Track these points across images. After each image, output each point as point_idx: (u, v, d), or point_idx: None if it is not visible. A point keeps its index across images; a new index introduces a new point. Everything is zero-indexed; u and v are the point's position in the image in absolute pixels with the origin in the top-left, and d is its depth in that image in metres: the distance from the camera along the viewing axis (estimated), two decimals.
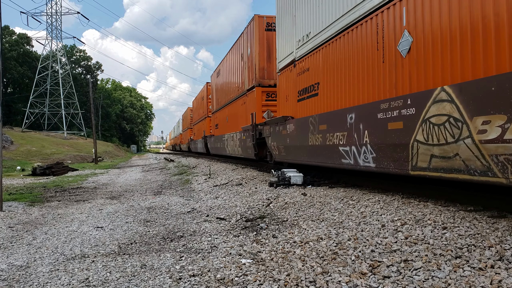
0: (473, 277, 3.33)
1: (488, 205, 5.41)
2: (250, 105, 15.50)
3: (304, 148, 9.94)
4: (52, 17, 65.64)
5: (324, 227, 5.62)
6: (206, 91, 30.78)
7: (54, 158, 32.78)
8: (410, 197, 6.62)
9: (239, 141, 17.34)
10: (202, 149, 31.63)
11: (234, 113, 19.14)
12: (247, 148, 15.95)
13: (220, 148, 23.37)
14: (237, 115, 18.41)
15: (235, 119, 18.81)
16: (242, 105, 17.17)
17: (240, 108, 17.56)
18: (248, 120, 15.63)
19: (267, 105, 14.50)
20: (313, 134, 9.39)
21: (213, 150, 26.71)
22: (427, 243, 4.22)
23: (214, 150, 26.01)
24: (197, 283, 3.93)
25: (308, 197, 7.92)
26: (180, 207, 9.05)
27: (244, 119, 16.69)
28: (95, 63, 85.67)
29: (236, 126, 18.06)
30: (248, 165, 18.53)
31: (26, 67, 66.72)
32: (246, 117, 16.31)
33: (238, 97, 17.88)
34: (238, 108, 18.05)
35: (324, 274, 3.82)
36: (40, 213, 8.80)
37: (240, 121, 17.46)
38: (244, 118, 16.77)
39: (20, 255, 5.37)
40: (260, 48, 14.64)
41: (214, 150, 26.20)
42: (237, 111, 18.31)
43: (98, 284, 4.09)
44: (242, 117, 17.22)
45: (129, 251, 5.36)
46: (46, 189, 14.02)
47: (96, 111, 74.36)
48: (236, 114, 18.53)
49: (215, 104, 25.32)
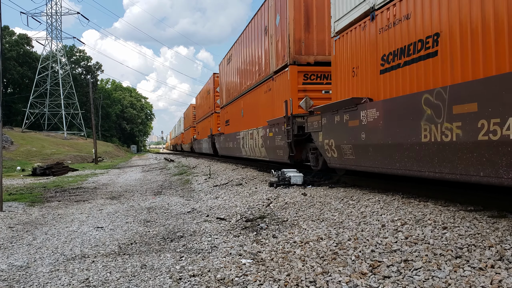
0: (473, 277, 3.33)
1: (488, 205, 5.41)
2: (281, 91, 12.06)
3: (406, 147, 6.16)
4: (52, 17, 65.70)
5: (324, 227, 5.61)
6: (213, 83, 26.65)
7: (54, 158, 32.78)
8: (410, 197, 6.62)
9: (263, 139, 13.80)
10: (208, 150, 28.05)
11: (253, 104, 15.62)
12: (277, 148, 12.29)
13: (232, 149, 19.65)
14: (257, 107, 14.97)
15: (254, 112, 15.39)
16: (266, 93, 13.75)
17: (263, 97, 14.11)
18: (277, 112, 12.26)
19: (305, 89, 11.16)
20: (434, 123, 5.56)
21: (222, 150, 22.99)
22: (427, 243, 4.22)
23: (225, 151, 22.25)
24: (197, 283, 3.93)
25: (308, 197, 7.92)
26: (180, 207, 9.05)
27: (269, 111, 13.21)
28: (95, 64, 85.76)
29: (257, 121, 14.79)
30: (248, 165, 18.52)
31: (26, 67, 66.74)
32: (272, 107, 12.90)
33: (260, 84, 14.46)
34: (260, 97, 14.61)
35: (324, 274, 3.82)
36: (40, 213, 8.80)
37: (263, 114, 13.96)
38: (269, 110, 13.26)
39: (20, 255, 5.37)
40: (296, 13, 11.06)
41: (224, 151, 22.55)
42: (258, 102, 14.84)
43: (98, 284, 4.09)
44: (266, 108, 13.72)
45: (129, 251, 5.36)
46: (46, 189, 14.02)
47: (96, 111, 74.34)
48: (256, 106, 15.10)
49: (225, 97, 21.71)
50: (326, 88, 11.07)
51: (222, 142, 22.73)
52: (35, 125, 63.17)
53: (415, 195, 6.80)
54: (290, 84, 11.17)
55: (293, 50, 11.10)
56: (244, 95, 17.07)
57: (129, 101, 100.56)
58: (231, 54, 19.98)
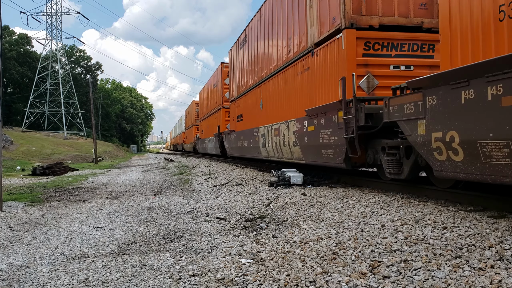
0: (473, 277, 3.33)
1: (488, 205, 5.41)
2: (328, 67, 8.83)
3: None
4: (52, 17, 65.66)
5: (324, 227, 5.62)
6: (221, 74, 23.32)
7: (54, 158, 32.78)
8: (410, 197, 6.62)
9: (297, 136, 10.63)
10: (214, 150, 24.95)
11: (279, 92, 12.42)
12: (322, 147, 9.10)
13: (247, 149, 16.36)
14: (286, 94, 11.74)
15: (281, 102, 12.22)
16: (300, 75, 10.53)
17: (296, 81, 10.89)
18: (318, 98, 9.35)
19: (366, 63, 8.09)
20: None
21: (233, 151, 19.81)
22: (427, 243, 4.22)
23: (236, 151, 19.04)
24: (197, 283, 3.93)
25: (308, 197, 7.92)
26: (180, 207, 9.05)
27: (306, 98, 10.15)
28: (95, 63, 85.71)
29: (285, 112, 11.78)
30: (248, 165, 18.51)
31: (26, 67, 66.72)
32: (310, 93, 9.86)
33: (290, 64, 11.23)
34: (290, 81, 11.35)
35: (324, 274, 3.82)
36: (40, 213, 8.80)
37: (296, 103, 10.90)
38: (306, 96, 10.16)
39: (20, 255, 5.37)
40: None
41: (235, 151, 19.34)
42: (287, 88, 11.58)
43: (98, 284, 4.09)
44: (300, 94, 10.56)
45: (129, 251, 5.36)
46: (46, 189, 14.02)
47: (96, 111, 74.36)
48: (284, 93, 11.88)
49: (237, 88, 18.47)
50: (397, 62, 8.22)
51: (233, 141, 19.44)
52: (35, 125, 63.14)
53: (415, 195, 6.80)
54: (346, 55, 8.00)
55: (349, 7, 8.03)
56: (264, 82, 13.82)
57: (129, 101, 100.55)
58: (245, 35, 16.49)
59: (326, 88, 8.98)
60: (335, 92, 8.34)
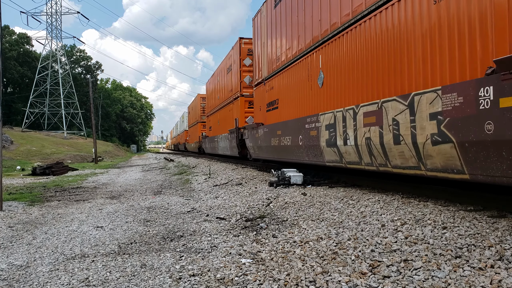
0: (473, 277, 3.33)
1: (488, 205, 5.41)
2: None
3: None
4: (52, 17, 65.64)
5: (324, 226, 5.62)
6: (239, 53, 17.99)
7: (54, 158, 32.79)
8: (410, 197, 6.62)
9: (450, 122, 5.22)
10: (230, 150, 19.92)
11: (377, 46, 7.06)
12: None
13: (291, 149, 11.18)
14: (401, 44, 6.37)
15: (388, 63, 6.73)
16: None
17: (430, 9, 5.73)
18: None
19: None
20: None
21: (262, 152, 14.52)
22: (427, 243, 4.22)
23: (268, 153, 13.82)
24: (197, 283, 3.93)
25: (308, 197, 7.92)
26: (180, 206, 9.05)
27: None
28: (95, 63, 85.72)
29: (399, 80, 6.41)
30: (248, 164, 18.52)
31: (26, 67, 66.71)
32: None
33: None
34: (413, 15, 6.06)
35: (324, 274, 3.82)
36: (40, 213, 8.80)
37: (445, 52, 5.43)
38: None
39: (20, 255, 5.36)
40: None
41: (266, 153, 14.07)
42: (412, 29, 6.09)
43: (98, 284, 4.09)
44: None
45: (129, 251, 5.36)
46: (46, 188, 14.02)
47: (96, 111, 74.38)
48: (397, 42, 6.48)
49: (269, 63, 13.35)
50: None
51: (261, 138, 14.26)
52: (35, 125, 63.14)
53: (415, 195, 6.80)
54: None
55: None
56: (331, 40, 8.72)
57: (129, 101, 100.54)
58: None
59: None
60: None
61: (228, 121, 20.64)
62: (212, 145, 26.30)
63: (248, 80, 17.51)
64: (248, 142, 16.38)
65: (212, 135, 26.30)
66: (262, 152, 14.50)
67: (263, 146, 14.22)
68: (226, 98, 21.22)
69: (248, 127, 16.07)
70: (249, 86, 17.52)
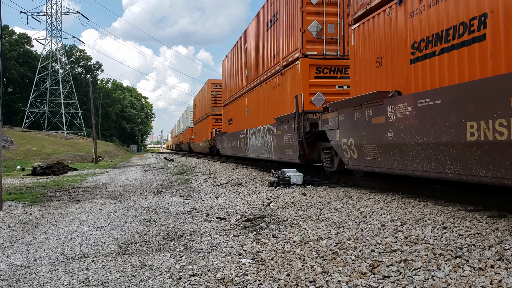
0: (473, 277, 3.33)
1: (488, 205, 5.41)
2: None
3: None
4: (52, 17, 65.64)
5: (324, 226, 5.61)
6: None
7: (54, 158, 32.79)
8: (410, 197, 6.62)
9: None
10: (276, 151, 12.71)
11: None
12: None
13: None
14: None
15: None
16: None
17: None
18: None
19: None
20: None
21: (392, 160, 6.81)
22: (427, 243, 4.22)
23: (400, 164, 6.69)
24: (197, 283, 3.93)
25: (308, 197, 7.92)
26: (180, 206, 9.05)
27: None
28: (95, 63, 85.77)
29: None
30: (248, 165, 18.50)
31: (26, 67, 66.71)
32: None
33: None
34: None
35: (324, 274, 3.82)
36: (40, 213, 8.80)
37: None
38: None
39: (20, 255, 5.36)
40: None
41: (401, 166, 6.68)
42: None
43: (98, 284, 4.09)
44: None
45: (129, 251, 5.36)
46: (46, 188, 14.02)
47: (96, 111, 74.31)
48: None
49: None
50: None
51: (402, 128, 6.56)
52: (35, 125, 63.13)
53: (415, 195, 6.79)
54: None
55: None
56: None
57: (129, 101, 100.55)
58: None
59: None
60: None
61: (270, 105, 13.52)
62: (234, 144, 19.11)
63: (316, 28, 10.78)
64: (337, 137, 8.49)
65: (234, 130, 19.22)
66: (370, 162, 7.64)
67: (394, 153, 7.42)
68: (267, 70, 13.78)
69: (339, 105, 8.27)
70: (317, 40, 10.80)
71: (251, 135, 15.99)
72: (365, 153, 7.37)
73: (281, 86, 12.45)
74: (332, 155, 9.24)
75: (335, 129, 8.59)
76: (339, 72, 10.81)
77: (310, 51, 10.83)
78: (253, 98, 15.97)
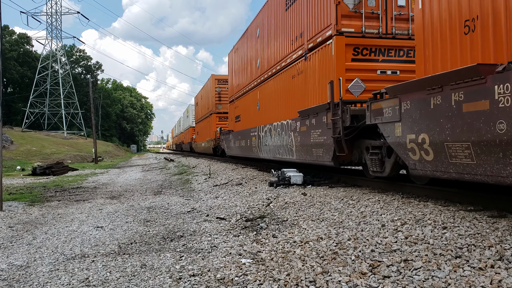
0: (473, 277, 3.33)
1: (488, 205, 5.41)
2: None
3: None
4: (52, 17, 65.60)
5: (324, 227, 5.61)
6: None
7: (54, 158, 32.78)
8: (410, 197, 6.62)
9: None
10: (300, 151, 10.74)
11: None
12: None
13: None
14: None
15: None
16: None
17: None
18: None
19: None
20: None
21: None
22: (427, 243, 4.22)
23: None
24: (197, 283, 3.93)
25: (308, 197, 7.92)
26: (180, 206, 9.05)
27: None
28: (95, 63, 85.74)
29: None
30: (248, 165, 18.50)
31: (26, 67, 66.69)
32: None
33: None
34: None
35: (324, 274, 3.82)
36: (40, 213, 8.80)
37: None
38: None
39: (20, 255, 5.36)
40: None
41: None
42: None
43: (98, 284, 4.09)
44: None
45: (129, 251, 5.36)
46: (46, 189, 14.01)
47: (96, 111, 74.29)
48: None
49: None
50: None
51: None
52: (35, 125, 63.10)
53: (415, 195, 6.79)
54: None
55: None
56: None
57: (129, 101, 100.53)
58: None
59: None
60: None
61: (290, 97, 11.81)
62: (243, 143, 17.36)
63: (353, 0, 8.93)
64: (398, 132, 6.63)
65: (243, 128, 17.50)
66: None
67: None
68: (285, 56, 12.13)
69: (402, 89, 6.50)
70: (354, 15, 8.92)
71: (264, 133, 14.22)
72: (449, 154, 5.26)
73: (306, 73, 10.55)
74: (383, 156, 7.22)
75: (394, 122, 6.47)
76: (381, 54, 8.87)
77: (346, 27, 8.83)
78: (267, 90, 14.21)
